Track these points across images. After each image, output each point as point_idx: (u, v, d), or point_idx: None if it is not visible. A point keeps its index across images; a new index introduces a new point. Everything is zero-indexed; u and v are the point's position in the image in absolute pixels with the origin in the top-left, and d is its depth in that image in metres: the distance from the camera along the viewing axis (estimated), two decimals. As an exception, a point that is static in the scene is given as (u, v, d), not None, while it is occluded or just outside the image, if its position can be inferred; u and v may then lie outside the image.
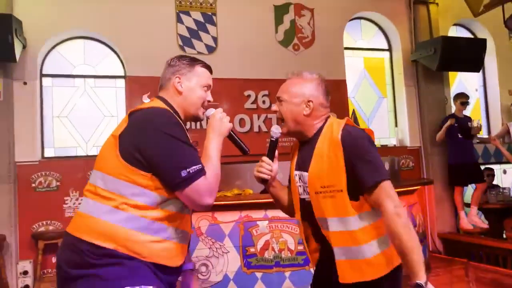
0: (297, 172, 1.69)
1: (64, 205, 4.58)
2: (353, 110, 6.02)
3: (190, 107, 1.62)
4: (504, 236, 5.48)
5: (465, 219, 5.48)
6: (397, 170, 5.12)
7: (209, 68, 1.69)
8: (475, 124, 5.49)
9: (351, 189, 1.51)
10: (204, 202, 1.43)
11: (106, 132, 5.02)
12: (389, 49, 6.37)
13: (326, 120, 1.67)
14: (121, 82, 5.08)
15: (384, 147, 6.09)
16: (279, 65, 5.45)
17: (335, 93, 5.67)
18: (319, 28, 5.74)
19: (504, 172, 6.68)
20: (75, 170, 4.58)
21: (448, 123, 5.49)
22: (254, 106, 5.36)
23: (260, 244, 3.55)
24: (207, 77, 1.66)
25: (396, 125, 6.29)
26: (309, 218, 1.64)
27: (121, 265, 1.36)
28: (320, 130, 1.64)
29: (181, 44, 5.15)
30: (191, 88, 1.61)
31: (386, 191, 1.49)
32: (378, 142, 6.15)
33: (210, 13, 5.33)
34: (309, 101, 1.64)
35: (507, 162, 6.38)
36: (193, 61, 1.65)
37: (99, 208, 1.41)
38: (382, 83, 6.37)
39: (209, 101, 1.66)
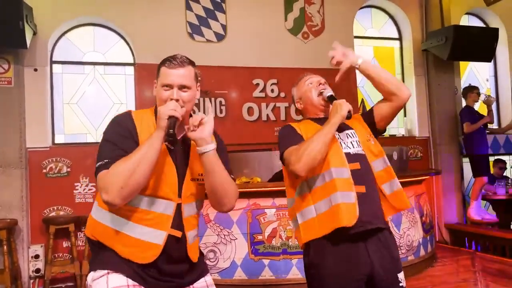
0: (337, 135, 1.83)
1: (75, 191, 4.64)
2: (362, 99, 5.99)
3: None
4: (512, 227, 5.47)
5: (474, 210, 5.47)
6: (405, 160, 5.10)
7: (173, 65, 1.55)
8: (483, 98, 5.52)
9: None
10: (102, 197, 1.42)
11: (115, 119, 5.05)
12: (400, 38, 6.30)
13: None
14: (130, 70, 5.10)
15: (393, 137, 6.07)
16: (288, 53, 5.43)
17: (345, 82, 5.64)
18: (329, 16, 5.69)
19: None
20: (85, 157, 4.63)
21: (487, 120, 5.55)
22: (263, 94, 5.36)
23: (267, 231, 3.58)
24: (165, 75, 1.55)
25: (405, 115, 6.25)
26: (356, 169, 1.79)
27: (93, 250, 1.61)
28: None
29: (190, 31, 5.15)
30: (157, 90, 1.60)
31: None
32: (387, 132, 6.11)
33: (219, 0, 5.30)
34: None
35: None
36: (161, 62, 1.60)
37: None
38: (392, 72, 6.26)
39: (177, 100, 1.52)
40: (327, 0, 5.70)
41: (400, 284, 1.74)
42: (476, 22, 6.71)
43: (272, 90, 5.38)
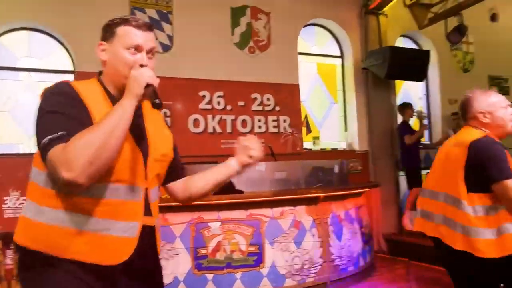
0: None
1: (3, 205, 4.31)
2: (306, 114, 6.17)
3: (117, 78, 1.34)
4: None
5: (408, 219, 5.78)
6: (345, 173, 5.30)
7: (141, 25, 1.35)
8: (416, 113, 5.88)
9: None
10: (61, 175, 1.13)
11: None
12: (341, 56, 6.59)
13: None
14: (70, 78, 4.88)
15: (334, 150, 6.28)
16: (234, 67, 5.48)
17: (289, 97, 5.79)
18: (275, 32, 5.83)
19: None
20: (16, 169, 4.33)
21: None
22: (209, 106, 5.34)
23: (211, 245, 3.54)
24: (133, 36, 1.33)
25: (346, 130, 6.51)
26: None
27: (32, 267, 1.29)
28: None
29: (134, 41, 5.03)
30: (113, 54, 1.34)
31: None
32: (328, 145, 6.33)
33: (166, 11, 5.25)
34: None
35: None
36: (116, 21, 1.36)
37: None
38: (334, 89, 6.57)
39: (142, 65, 1.32)
40: (273, 17, 5.84)
41: None
42: (410, 44, 7.19)
43: (219, 103, 5.39)
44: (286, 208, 3.97)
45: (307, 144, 6.07)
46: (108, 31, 1.37)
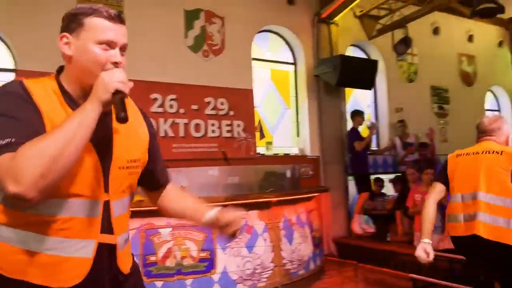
0: None
1: None
2: (259, 119, 6.21)
3: (85, 77, 1.17)
4: (388, 239, 6.06)
5: (356, 223, 5.96)
6: (297, 177, 5.39)
7: (114, 18, 1.20)
8: (368, 123, 6.09)
9: None
10: (7, 188, 0.98)
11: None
12: (294, 63, 6.71)
13: None
14: (11, 76, 4.59)
15: (287, 155, 6.37)
16: (188, 70, 5.41)
17: (243, 102, 5.80)
18: (229, 37, 5.83)
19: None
20: None
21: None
22: (161, 110, 5.23)
23: (161, 252, 3.45)
24: (104, 29, 1.17)
25: (298, 135, 6.62)
26: None
27: None
28: None
29: (83, 40, 4.83)
30: (81, 49, 1.17)
31: None
32: (281, 150, 6.41)
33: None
34: None
35: (392, 172, 7.10)
36: (84, 11, 1.18)
37: None
38: (287, 95, 6.67)
39: (116, 63, 1.19)
40: (227, 21, 5.84)
41: None
42: (360, 53, 7.46)
43: (171, 106, 5.29)
44: (239, 213, 3.96)
45: (260, 149, 6.11)
46: (74, 21, 1.18)
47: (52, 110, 1.13)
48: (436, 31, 8.16)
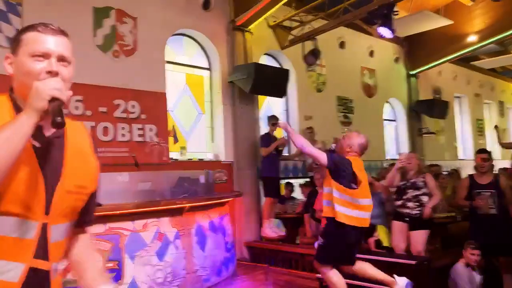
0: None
1: None
2: (173, 124, 6.10)
3: (24, 91, 1.14)
4: (297, 241, 6.32)
5: (268, 228, 6.11)
6: (211, 183, 5.39)
7: (49, 30, 1.20)
8: (280, 141, 6.24)
9: None
10: None
11: None
12: (209, 68, 6.71)
13: None
14: None
15: (201, 161, 6.34)
16: (96, 70, 5.12)
17: (156, 105, 5.64)
18: (142, 38, 5.65)
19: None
20: None
21: (279, 143, 6.12)
22: (65, 111, 4.84)
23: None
24: (38, 42, 1.17)
25: (212, 141, 6.62)
26: None
27: None
28: None
29: (-28, 31, 4.33)
30: (18, 64, 1.18)
31: None
32: (195, 156, 6.36)
33: (14, 2, 4.65)
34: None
35: (302, 177, 7.43)
36: (22, 29, 1.21)
37: None
38: (202, 100, 6.65)
39: (50, 72, 1.16)
40: (140, 22, 5.65)
41: None
42: (273, 62, 7.71)
43: (77, 107, 4.96)
44: (150, 220, 3.84)
45: (174, 154, 5.99)
46: (15, 41, 1.20)
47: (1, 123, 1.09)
48: (342, 45, 8.75)
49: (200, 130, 6.58)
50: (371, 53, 9.48)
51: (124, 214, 3.64)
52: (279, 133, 6.79)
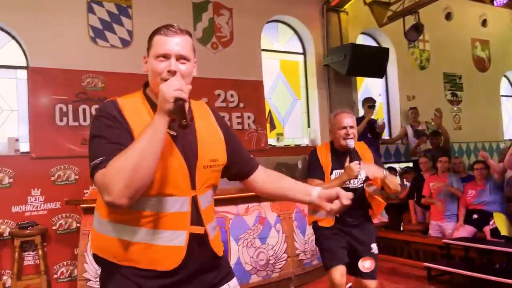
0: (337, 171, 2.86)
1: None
2: (269, 110, 6.19)
3: (155, 89, 1.36)
4: (402, 228, 6.03)
5: None
6: (309, 168, 5.35)
7: (170, 32, 1.37)
8: (380, 122, 5.93)
9: None
10: (103, 198, 1.21)
11: (4, 126, 4.56)
12: (304, 53, 6.65)
13: None
14: (23, 74, 4.65)
15: (298, 146, 6.35)
16: (198, 63, 5.40)
17: (253, 93, 5.79)
18: (238, 28, 5.81)
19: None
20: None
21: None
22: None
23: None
24: (160, 44, 1.36)
25: (308, 126, 6.59)
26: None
27: (102, 271, 1.43)
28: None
29: (92, 35, 4.86)
30: (149, 65, 1.40)
31: None
32: (291, 142, 6.40)
33: (125, 5, 5.10)
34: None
35: (404, 161, 7.04)
36: (153, 32, 1.41)
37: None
38: (297, 85, 6.63)
39: (170, 71, 1.34)
40: (235, 12, 5.81)
41: None
42: (370, 41, 7.36)
43: (181, 99, 5.30)
44: (251, 205, 3.98)
45: (271, 141, 6.10)
46: (148, 43, 1.41)
47: (142, 123, 1.30)
48: (448, 16, 8.01)
49: (296, 116, 6.58)
50: (484, 22, 8.52)
51: (228, 198, 3.82)
52: (378, 116, 6.50)
